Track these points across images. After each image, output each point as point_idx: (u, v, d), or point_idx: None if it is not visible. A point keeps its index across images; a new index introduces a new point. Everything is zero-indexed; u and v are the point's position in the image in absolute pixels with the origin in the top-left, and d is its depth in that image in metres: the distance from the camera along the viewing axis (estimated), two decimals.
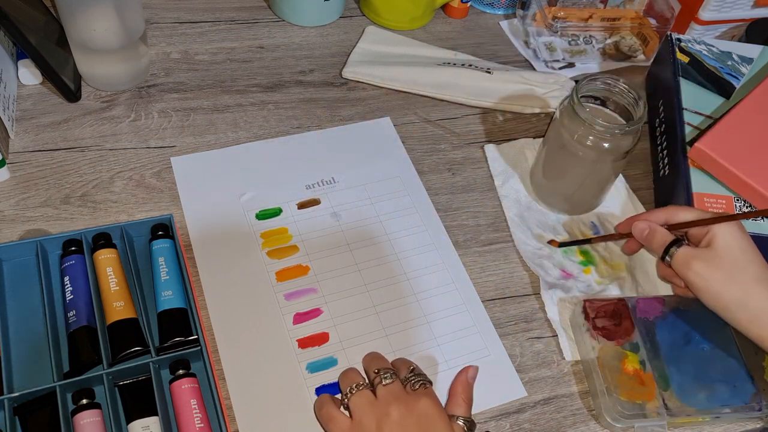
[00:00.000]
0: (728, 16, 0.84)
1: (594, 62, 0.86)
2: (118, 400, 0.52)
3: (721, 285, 0.53)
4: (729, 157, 0.64)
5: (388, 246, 0.64)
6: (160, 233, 0.59)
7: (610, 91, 0.64)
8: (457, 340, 0.59)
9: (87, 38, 0.66)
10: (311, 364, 0.56)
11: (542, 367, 0.59)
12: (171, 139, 0.69)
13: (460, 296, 0.62)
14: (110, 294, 0.55)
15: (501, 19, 0.90)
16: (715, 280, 0.53)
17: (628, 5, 0.88)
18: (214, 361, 0.55)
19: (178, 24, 0.81)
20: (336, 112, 0.75)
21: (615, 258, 0.66)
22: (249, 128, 0.72)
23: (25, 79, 0.71)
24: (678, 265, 0.56)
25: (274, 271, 0.61)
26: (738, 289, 0.53)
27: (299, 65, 0.79)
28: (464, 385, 0.54)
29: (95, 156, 0.67)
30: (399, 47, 0.82)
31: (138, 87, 0.73)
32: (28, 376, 0.52)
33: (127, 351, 0.52)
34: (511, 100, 0.77)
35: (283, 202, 0.66)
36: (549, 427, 0.56)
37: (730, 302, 0.53)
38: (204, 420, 0.50)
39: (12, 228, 0.60)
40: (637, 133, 0.62)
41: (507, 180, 0.71)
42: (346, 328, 0.59)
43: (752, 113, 0.68)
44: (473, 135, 0.76)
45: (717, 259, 0.54)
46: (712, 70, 0.75)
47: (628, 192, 0.72)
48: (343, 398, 0.52)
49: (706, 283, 0.54)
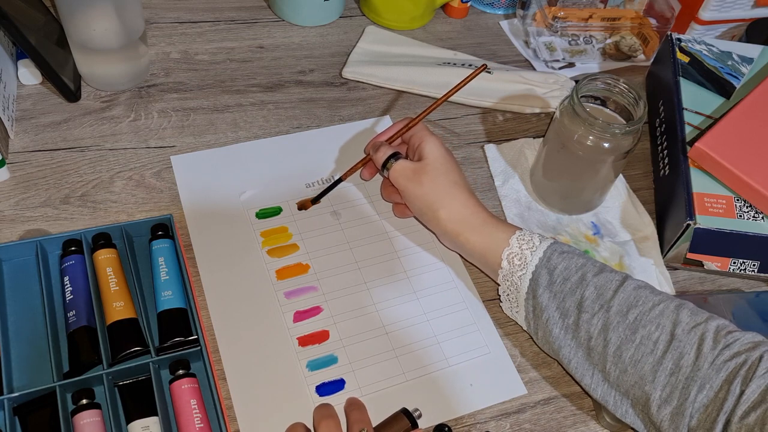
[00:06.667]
0: (728, 16, 0.84)
1: (594, 62, 0.86)
2: (118, 400, 0.52)
3: (427, 188, 0.60)
4: (729, 157, 0.64)
5: (388, 244, 0.64)
6: (160, 233, 0.59)
7: (610, 91, 0.64)
8: (457, 337, 0.59)
9: (87, 38, 0.66)
10: (311, 362, 0.56)
11: (542, 367, 0.59)
12: (171, 139, 0.69)
13: (461, 295, 0.62)
14: (110, 294, 0.55)
15: (501, 19, 0.90)
16: (421, 184, 0.60)
17: (628, 5, 0.88)
18: (214, 361, 0.55)
19: (178, 24, 0.81)
20: (336, 112, 0.75)
21: (615, 258, 0.66)
22: (249, 128, 0.72)
23: (25, 79, 0.71)
24: (393, 174, 0.62)
25: (274, 270, 0.61)
26: (440, 190, 0.60)
27: (299, 65, 0.79)
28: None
29: (95, 156, 0.67)
30: (399, 47, 0.82)
31: (138, 87, 0.73)
32: (28, 376, 0.52)
33: (127, 351, 0.52)
34: (511, 100, 0.77)
35: (283, 201, 0.66)
36: (549, 427, 0.56)
37: (432, 201, 0.60)
38: (204, 420, 0.50)
39: (12, 228, 0.60)
40: (637, 133, 0.62)
41: (507, 180, 0.71)
42: (346, 326, 0.59)
43: (752, 113, 0.68)
44: (473, 135, 0.76)
45: (425, 167, 0.61)
46: (712, 70, 0.75)
47: (628, 192, 0.72)
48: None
49: (414, 187, 0.60)
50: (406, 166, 0.61)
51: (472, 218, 0.59)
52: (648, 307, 0.52)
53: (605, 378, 0.52)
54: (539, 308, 0.55)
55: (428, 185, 0.60)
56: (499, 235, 0.58)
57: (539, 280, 0.55)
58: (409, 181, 0.61)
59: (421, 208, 0.61)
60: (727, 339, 0.49)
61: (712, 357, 0.48)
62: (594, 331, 0.52)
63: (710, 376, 0.48)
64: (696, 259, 0.65)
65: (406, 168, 0.61)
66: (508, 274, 0.57)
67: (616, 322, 0.52)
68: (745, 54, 0.77)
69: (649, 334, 0.51)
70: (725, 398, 0.47)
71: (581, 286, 0.54)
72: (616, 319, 0.52)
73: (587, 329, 0.53)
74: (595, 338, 0.52)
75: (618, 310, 0.52)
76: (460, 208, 0.59)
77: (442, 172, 0.60)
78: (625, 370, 0.51)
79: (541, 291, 0.55)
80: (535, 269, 0.55)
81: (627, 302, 0.52)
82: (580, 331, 0.53)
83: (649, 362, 0.50)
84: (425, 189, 0.60)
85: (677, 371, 0.49)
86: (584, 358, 0.53)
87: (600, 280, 0.54)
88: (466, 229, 0.59)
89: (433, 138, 0.62)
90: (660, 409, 0.49)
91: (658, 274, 0.66)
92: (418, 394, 0.56)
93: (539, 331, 0.56)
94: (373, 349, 0.58)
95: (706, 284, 0.67)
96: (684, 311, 0.51)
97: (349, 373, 0.56)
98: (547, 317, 0.55)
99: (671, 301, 0.52)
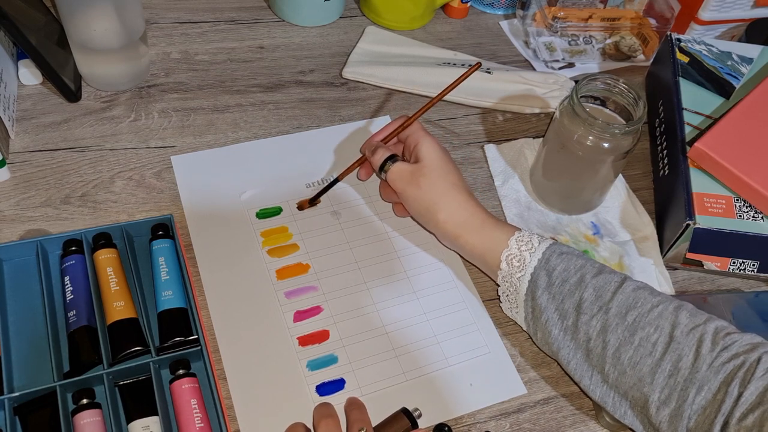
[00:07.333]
0: (728, 16, 0.84)
1: (594, 62, 0.86)
2: (118, 400, 0.52)
3: (424, 191, 0.60)
4: (729, 157, 0.64)
5: (388, 244, 0.64)
6: (160, 233, 0.59)
7: (610, 91, 0.64)
8: (457, 337, 0.59)
9: (87, 38, 0.66)
10: (312, 361, 0.56)
11: (542, 366, 0.59)
12: (171, 139, 0.69)
13: (460, 295, 0.62)
14: (110, 294, 0.55)
15: (501, 19, 0.90)
16: (419, 187, 0.60)
17: (628, 5, 0.88)
18: (215, 361, 0.55)
19: (178, 24, 0.81)
20: (336, 112, 0.75)
21: (615, 258, 0.66)
22: (249, 128, 0.72)
23: (25, 79, 0.71)
24: (390, 177, 0.62)
25: (275, 270, 0.61)
26: (438, 192, 0.60)
27: (299, 65, 0.79)
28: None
29: (95, 156, 0.67)
30: (399, 47, 0.82)
31: (138, 87, 0.73)
32: (28, 376, 0.52)
33: (127, 351, 0.52)
34: (511, 100, 0.78)
35: (283, 201, 0.66)
36: (549, 427, 0.56)
37: (430, 203, 0.60)
38: (204, 420, 0.50)
39: (12, 228, 0.60)
40: (637, 133, 0.62)
41: (507, 180, 0.71)
42: (346, 326, 0.59)
43: (752, 113, 0.68)
44: (473, 135, 0.76)
45: (422, 169, 0.60)
46: (711, 70, 0.75)
47: (628, 192, 0.72)
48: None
49: (412, 190, 0.60)
50: (403, 168, 0.61)
51: (471, 220, 0.59)
52: (647, 309, 0.52)
53: (604, 379, 0.52)
54: (538, 309, 0.55)
55: (426, 188, 0.60)
56: (498, 236, 0.58)
57: (538, 282, 0.55)
58: (406, 184, 0.61)
59: (419, 211, 0.61)
60: (726, 341, 0.49)
61: (711, 359, 0.48)
62: (593, 333, 0.52)
63: (709, 378, 0.48)
64: (695, 259, 0.65)
65: (404, 171, 0.61)
66: (507, 275, 0.57)
67: (615, 324, 0.52)
68: (744, 54, 0.77)
69: (647, 336, 0.51)
70: (723, 400, 0.47)
71: (580, 288, 0.54)
72: (615, 321, 0.52)
73: (586, 330, 0.53)
74: (594, 340, 0.52)
75: (617, 311, 0.52)
76: (459, 210, 0.59)
77: (440, 174, 0.60)
78: (623, 372, 0.51)
79: (540, 292, 0.55)
80: (533, 271, 0.56)
81: (626, 304, 0.52)
82: (578, 333, 0.53)
83: (648, 364, 0.50)
84: (423, 192, 0.60)
85: (676, 373, 0.49)
86: (583, 360, 0.53)
87: (599, 281, 0.54)
88: (465, 230, 0.59)
89: (429, 139, 0.62)
90: (659, 411, 0.49)
91: (657, 274, 0.66)
92: (418, 394, 0.56)
93: (538, 332, 0.56)
94: (373, 349, 0.58)
95: (706, 284, 0.67)
96: (683, 313, 0.51)
97: (349, 373, 0.56)
98: (546, 318, 0.55)
99: (670, 303, 0.52)
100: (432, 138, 0.63)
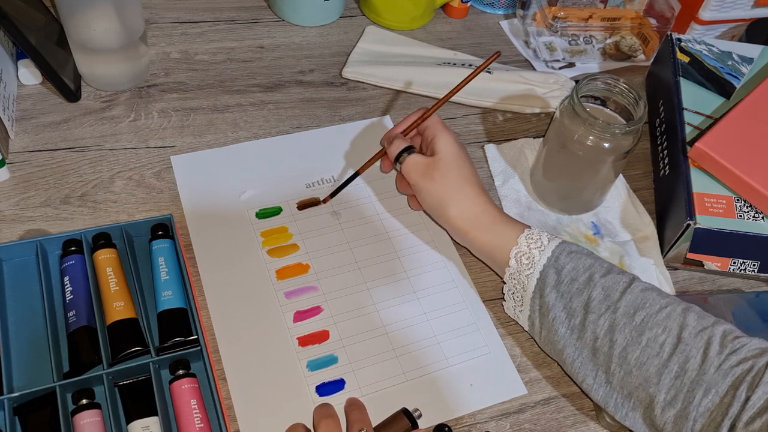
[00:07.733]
0: (728, 16, 0.84)
1: (594, 62, 0.86)
2: (118, 400, 0.52)
3: (438, 184, 0.60)
4: (729, 157, 0.64)
5: (388, 244, 0.64)
6: (160, 233, 0.59)
7: (611, 91, 0.64)
8: (457, 337, 0.59)
9: (87, 38, 0.66)
10: (311, 362, 0.56)
11: (542, 367, 0.59)
12: (171, 139, 0.69)
13: (461, 295, 0.62)
14: (110, 294, 0.55)
15: (501, 19, 0.90)
16: (432, 179, 0.60)
17: (628, 5, 0.88)
18: (214, 361, 0.55)
19: (178, 24, 0.81)
20: (336, 112, 0.75)
21: (615, 258, 0.66)
22: (249, 128, 0.71)
23: (25, 79, 0.71)
24: (405, 169, 0.62)
25: (275, 270, 0.61)
26: (451, 186, 0.59)
27: (299, 65, 0.79)
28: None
29: (95, 156, 0.67)
30: (399, 47, 0.82)
31: (138, 87, 0.73)
32: (28, 376, 0.52)
33: (127, 351, 0.52)
34: (511, 100, 0.77)
35: (283, 201, 0.66)
36: (549, 427, 0.56)
37: (443, 197, 0.60)
38: (204, 420, 0.50)
39: (12, 228, 0.60)
40: (637, 133, 0.62)
41: (507, 180, 0.71)
42: (346, 326, 0.59)
43: (752, 113, 0.68)
44: (473, 135, 0.76)
45: (436, 162, 0.60)
46: (712, 70, 0.75)
47: (628, 192, 0.72)
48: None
49: (425, 183, 0.60)
50: (419, 160, 0.61)
51: (481, 216, 0.59)
52: (655, 310, 0.52)
53: (608, 379, 0.52)
54: (545, 307, 0.55)
55: (439, 181, 0.60)
56: (508, 233, 0.58)
57: (547, 280, 0.55)
58: (420, 176, 0.61)
59: (431, 204, 0.61)
60: (734, 344, 0.49)
61: (719, 362, 0.48)
62: (600, 332, 0.52)
63: (716, 381, 0.48)
64: (696, 259, 0.65)
65: (419, 163, 0.61)
66: (515, 272, 0.57)
67: (623, 324, 0.52)
68: (745, 54, 0.77)
69: (655, 337, 0.51)
70: (731, 404, 0.47)
71: (589, 287, 0.54)
72: (623, 321, 0.52)
73: (593, 330, 0.53)
74: (601, 339, 0.52)
75: (625, 311, 0.52)
76: (470, 206, 0.59)
77: (454, 168, 0.60)
78: (630, 372, 0.51)
79: (549, 290, 0.55)
80: (543, 269, 0.55)
81: (634, 304, 0.52)
82: (586, 332, 0.53)
83: (655, 364, 0.50)
84: (436, 185, 0.60)
85: (683, 374, 0.49)
86: (589, 359, 0.53)
87: (607, 281, 0.54)
88: (475, 226, 0.59)
89: (446, 132, 0.62)
90: (664, 412, 0.49)
91: (658, 274, 0.66)
92: (418, 394, 0.56)
93: (543, 330, 0.56)
94: (373, 349, 0.58)
95: (706, 284, 0.67)
96: (691, 315, 0.51)
97: (349, 373, 0.56)
98: (554, 317, 0.54)
99: (678, 305, 0.52)
100: (449, 132, 0.62)
